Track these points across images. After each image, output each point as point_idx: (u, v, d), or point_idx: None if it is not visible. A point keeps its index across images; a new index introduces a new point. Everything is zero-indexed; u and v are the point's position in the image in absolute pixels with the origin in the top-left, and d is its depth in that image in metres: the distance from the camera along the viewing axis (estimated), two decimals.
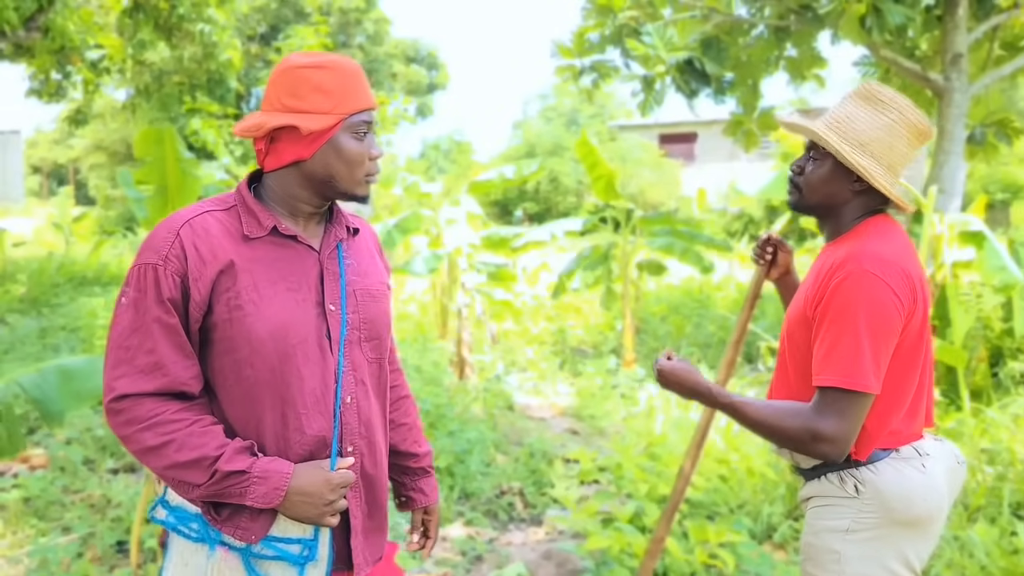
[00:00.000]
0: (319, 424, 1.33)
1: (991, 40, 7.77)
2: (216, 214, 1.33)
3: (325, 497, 1.28)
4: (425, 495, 1.65)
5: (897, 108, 1.60)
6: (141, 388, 1.25)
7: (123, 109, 17.09)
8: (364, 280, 1.43)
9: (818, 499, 1.67)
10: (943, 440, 1.73)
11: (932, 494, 1.59)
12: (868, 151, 1.59)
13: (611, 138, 27.14)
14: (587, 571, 2.98)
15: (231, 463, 1.24)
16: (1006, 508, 3.43)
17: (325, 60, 1.34)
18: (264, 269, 1.31)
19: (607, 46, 7.83)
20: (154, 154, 3.99)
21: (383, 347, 1.46)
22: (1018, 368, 5.45)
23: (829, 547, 1.61)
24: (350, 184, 1.35)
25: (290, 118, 1.29)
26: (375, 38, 22.77)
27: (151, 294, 1.26)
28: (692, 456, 2.16)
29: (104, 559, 3.15)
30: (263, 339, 1.28)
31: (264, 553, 1.31)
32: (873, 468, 1.59)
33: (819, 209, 1.70)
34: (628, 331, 7.18)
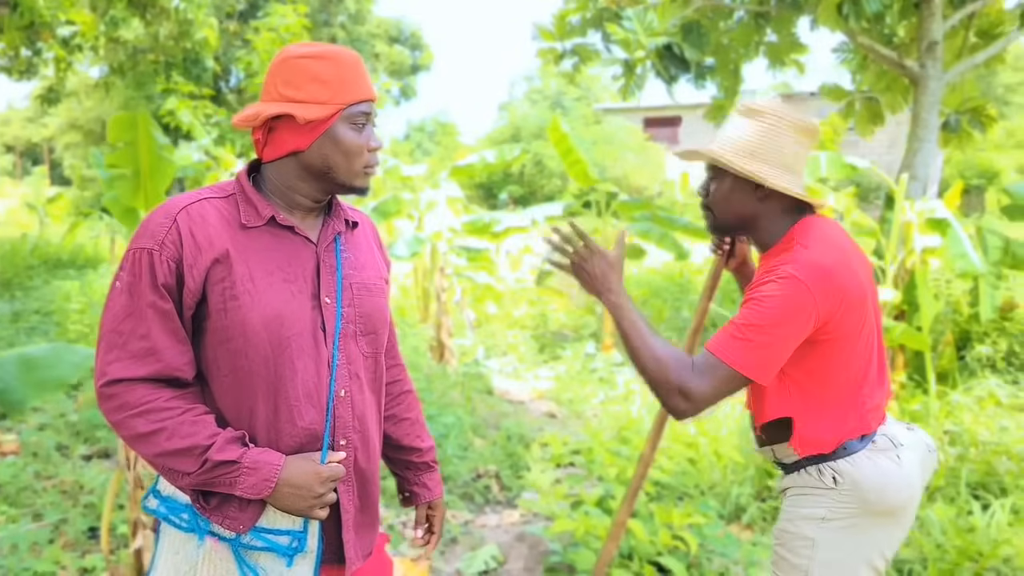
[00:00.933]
0: (311, 416, 1.33)
1: (966, 28, 7.83)
2: (214, 202, 1.33)
3: (314, 490, 1.28)
4: (429, 490, 1.65)
5: (773, 113, 1.67)
6: (134, 373, 1.25)
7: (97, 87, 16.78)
8: (361, 274, 1.43)
9: (796, 489, 1.73)
10: (915, 428, 1.79)
11: (906, 485, 1.65)
12: (758, 158, 1.66)
13: (596, 121, 27.07)
14: (555, 554, 3.04)
15: (222, 453, 1.24)
16: (964, 488, 3.54)
17: (324, 50, 1.33)
18: (260, 259, 1.31)
19: (588, 29, 7.81)
20: (127, 138, 3.96)
21: (379, 342, 1.45)
22: (984, 351, 5.58)
23: (803, 534, 1.67)
24: (348, 176, 1.35)
25: (286, 107, 1.29)
26: (357, 17, 22.46)
27: (146, 279, 1.25)
28: (652, 441, 2.20)
29: (76, 545, 3.16)
30: (257, 329, 1.28)
31: (253, 544, 1.31)
32: (850, 460, 1.65)
33: (737, 226, 1.75)
34: (607, 315, 7.24)
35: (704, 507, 3.22)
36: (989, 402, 4.83)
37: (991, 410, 4.70)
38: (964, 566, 2.90)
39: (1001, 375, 5.39)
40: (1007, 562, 2.96)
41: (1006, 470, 3.76)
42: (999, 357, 5.60)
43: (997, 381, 5.13)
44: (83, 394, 5.03)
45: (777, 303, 1.55)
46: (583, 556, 2.78)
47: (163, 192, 3.94)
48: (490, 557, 3.16)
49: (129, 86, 14.91)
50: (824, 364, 1.63)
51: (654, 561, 2.90)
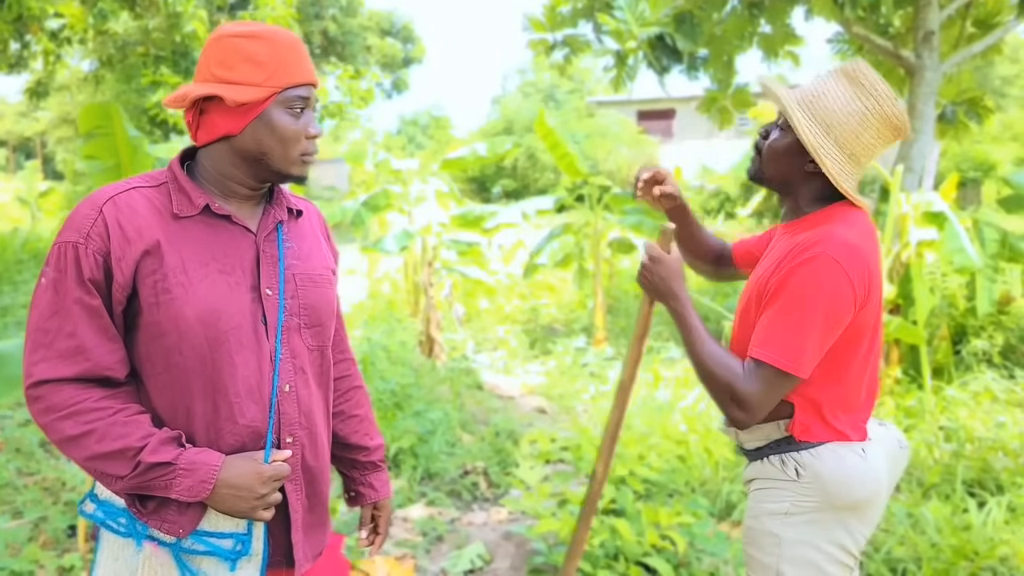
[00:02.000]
0: (252, 413, 1.27)
1: (963, 18, 7.76)
2: (144, 191, 1.26)
3: (256, 491, 1.23)
4: (375, 490, 1.60)
5: (875, 96, 1.53)
6: (60, 373, 1.19)
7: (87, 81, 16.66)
8: (305, 264, 1.36)
9: (759, 481, 1.66)
10: (887, 424, 1.72)
11: (870, 479, 1.58)
12: (832, 134, 1.53)
13: (589, 114, 26.98)
14: (539, 553, 2.98)
15: (155, 454, 1.18)
16: (959, 485, 3.48)
17: (259, 30, 1.27)
18: (194, 250, 1.24)
19: (579, 19, 7.72)
20: (103, 130, 3.88)
21: (325, 334, 1.40)
22: (980, 346, 5.53)
23: (769, 530, 1.61)
24: (283, 163, 1.28)
25: (216, 88, 1.22)
26: (348, 9, 22.29)
27: (71, 274, 1.19)
28: (604, 459, 2.03)
29: (55, 543, 3.10)
30: (191, 324, 1.22)
31: (195, 548, 1.26)
32: (814, 452, 1.58)
33: (774, 182, 1.66)
34: (599, 309, 7.18)
35: (694, 504, 3.17)
36: (985, 397, 4.78)
37: (987, 405, 4.66)
38: (960, 565, 2.84)
39: (997, 370, 5.35)
40: (1004, 561, 2.90)
41: (1002, 467, 3.71)
42: (995, 352, 5.55)
43: (993, 376, 5.08)
44: None
45: (820, 292, 1.47)
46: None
47: None
48: (476, 556, 3.10)
49: (119, 79, 14.78)
50: (836, 353, 1.55)
51: (641, 562, 2.84)
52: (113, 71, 13.89)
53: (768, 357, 1.49)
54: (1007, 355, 5.64)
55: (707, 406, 4.52)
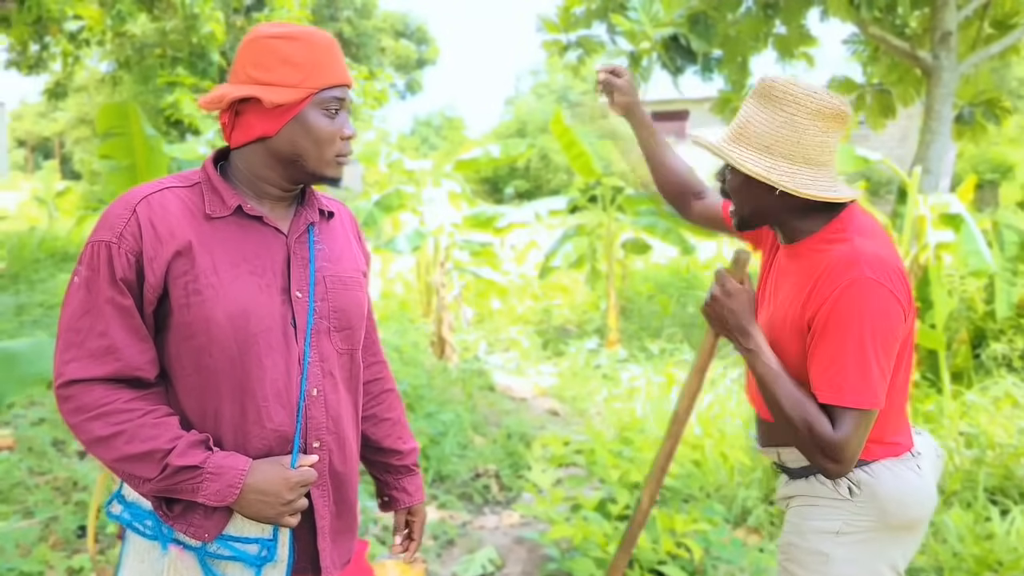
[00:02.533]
0: (280, 417, 1.25)
1: (981, 18, 7.67)
2: (177, 191, 1.25)
3: (283, 496, 1.21)
4: (409, 495, 1.57)
5: (793, 101, 1.46)
6: (91, 373, 1.18)
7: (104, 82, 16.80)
8: (336, 266, 1.35)
9: (805, 499, 1.60)
10: (923, 432, 1.67)
11: (927, 496, 1.54)
12: (775, 152, 1.46)
13: (603, 115, 26.89)
14: (553, 560, 2.94)
15: (183, 457, 1.17)
16: (981, 493, 3.42)
17: (295, 31, 1.25)
18: (225, 251, 1.23)
19: (593, 20, 7.69)
20: (120, 129, 3.90)
21: (355, 338, 1.37)
22: (1000, 350, 5.44)
23: (816, 549, 1.55)
24: (318, 164, 1.27)
25: (254, 90, 1.22)
26: (363, 11, 22.36)
27: (104, 274, 1.19)
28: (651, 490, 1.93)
29: (65, 544, 3.10)
30: (222, 326, 1.21)
31: (220, 552, 1.24)
32: (868, 470, 1.52)
33: (760, 221, 1.57)
34: (612, 311, 7.13)
35: (709, 511, 3.12)
36: (1006, 402, 4.69)
37: (1008, 411, 4.57)
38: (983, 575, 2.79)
39: (1018, 374, 5.25)
40: None
41: None
42: (1016, 356, 5.45)
43: (1014, 380, 4.99)
44: None
45: (876, 320, 1.40)
46: (581, 564, 2.68)
47: None
48: (487, 560, 3.08)
49: (136, 80, 14.89)
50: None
51: (656, 569, 2.80)
52: (131, 72, 14.01)
53: (847, 401, 1.41)
54: None
55: (720, 410, 4.47)
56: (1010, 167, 20.91)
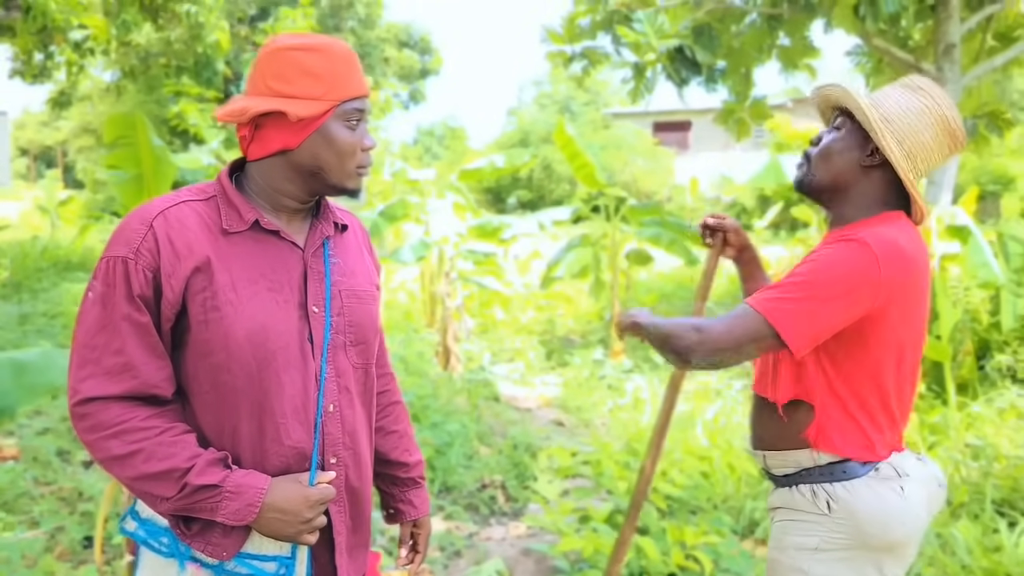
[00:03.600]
0: (298, 434, 1.24)
1: (984, 31, 7.70)
2: (194, 204, 1.24)
3: (302, 515, 1.20)
4: (415, 507, 1.56)
5: (932, 96, 1.50)
6: (108, 391, 1.16)
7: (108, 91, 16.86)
8: (351, 280, 1.34)
9: (786, 511, 1.59)
10: (926, 460, 1.63)
11: (909, 519, 1.50)
12: (892, 127, 1.48)
13: (605, 126, 26.99)
14: (562, 571, 2.93)
15: (202, 476, 1.16)
16: (989, 505, 3.40)
17: (316, 42, 1.24)
18: (243, 266, 1.22)
19: (598, 32, 7.72)
20: (127, 139, 3.90)
21: (369, 352, 1.37)
22: (1005, 361, 5.44)
23: (795, 565, 1.54)
24: (340, 176, 1.26)
25: (277, 103, 1.20)
26: (367, 22, 22.48)
27: (120, 290, 1.17)
28: (652, 456, 2.08)
29: (71, 555, 3.09)
30: (241, 342, 1.19)
31: (237, 571, 1.23)
32: (847, 486, 1.50)
33: (824, 183, 1.56)
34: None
35: (717, 522, 3.11)
36: (1011, 414, 4.68)
37: (1013, 422, 4.56)
38: None
39: (1022, 386, 5.24)
40: None
41: None
42: (1021, 367, 5.44)
43: (1019, 392, 4.98)
44: None
45: (839, 266, 1.42)
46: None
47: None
48: (495, 572, 3.06)
49: (141, 90, 14.95)
50: (872, 355, 1.48)
51: None
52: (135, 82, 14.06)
53: (760, 304, 1.42)
54: None
55: (727, 421, 4.46)
56: (1012, 179, 20.93)
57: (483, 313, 8.67)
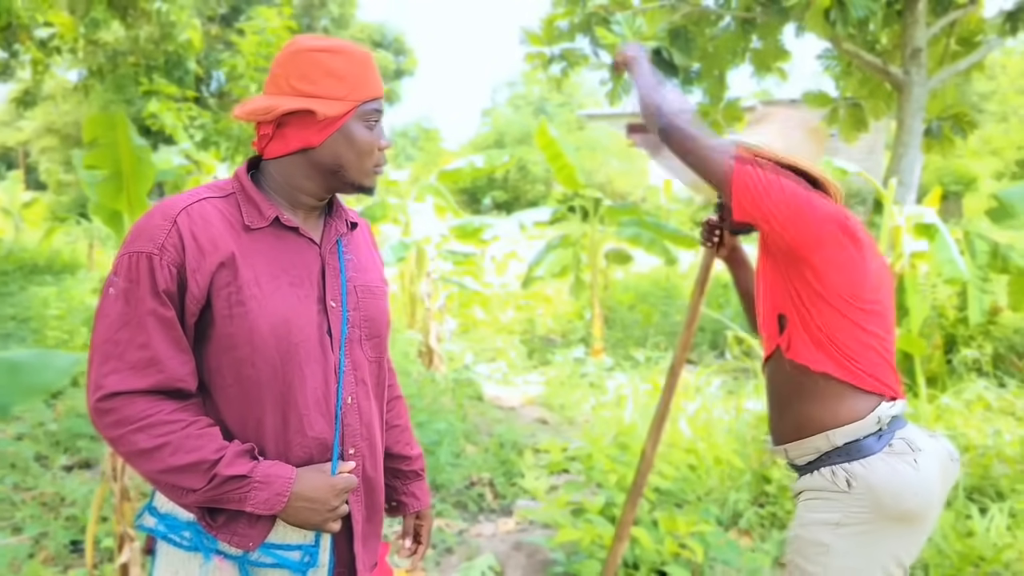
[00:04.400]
0: (320, 426, 1.27)
1: (948, 35, 7.93)
2: (214, 201, 1.26)
3: (329, 503, 1.23)
4: (417, 499, 1.60)
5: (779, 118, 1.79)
6: (133, 386, 1.17)
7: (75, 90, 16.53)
8: (364, 276, 1.38)
9: (809, 492, 1.69)
10: (938, 436, 1.74)
11: (923, 490, 1.60)
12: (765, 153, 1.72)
13: (579, 127, 27.16)
14: (558, 563, 2.97)
15: (231, 467, 1.18)
16: (961, 492, 3.52)
17: (338, 45, 1.28)
18: (265, 262, 1.25)
19: (576, 34, 7.80)
20: (106, 139, 3.86)
21: (383, 345, 1.40)
22: (971, 355, 5.61)
23: (818, 539, 1.63)
24: (359, 174, 1.30)
25: (306, 102, 1.23)
26: (340, 21, 22.33)
27: (145, 285, 1.18)
28: (652, 439, 2.18)
29: (57, 559, 3.05)
30: (265, 337, 1.22)
31: (262, 560, 1.25)
32: (864, 463, 1.61)
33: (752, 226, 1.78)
34: (597, 320, 7.20)
35: (705, 513, 3.18)
36: (978, 405, 4.84)
37: (980, 413, 4.72)
38: (966, 571, 2.88)
39: (988, 378, 5.42)
40: (1008, 567, 2.94)
41: (1001, 474, 3.75)
42: (986, 360, 5.63)
43: (985, 384, 5.15)
44: (62, 403, 4.90)
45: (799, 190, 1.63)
46: (589, 566, 2.72)
47: (145, 194, 3.85)
48: (487, 567, 3.09)
49: (108, 89, 14.68)
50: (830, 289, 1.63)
51: (659, 570, 2.85)
52: (103, 81, 13.79)
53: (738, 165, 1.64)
54: (996, 364, 5.73)
55: (708, 416, 4.54)
56: (973, 179, 21.52)
57: (463, 313, 8.69)
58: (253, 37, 8.14)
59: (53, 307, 6.79)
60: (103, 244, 12.62)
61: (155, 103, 8.13)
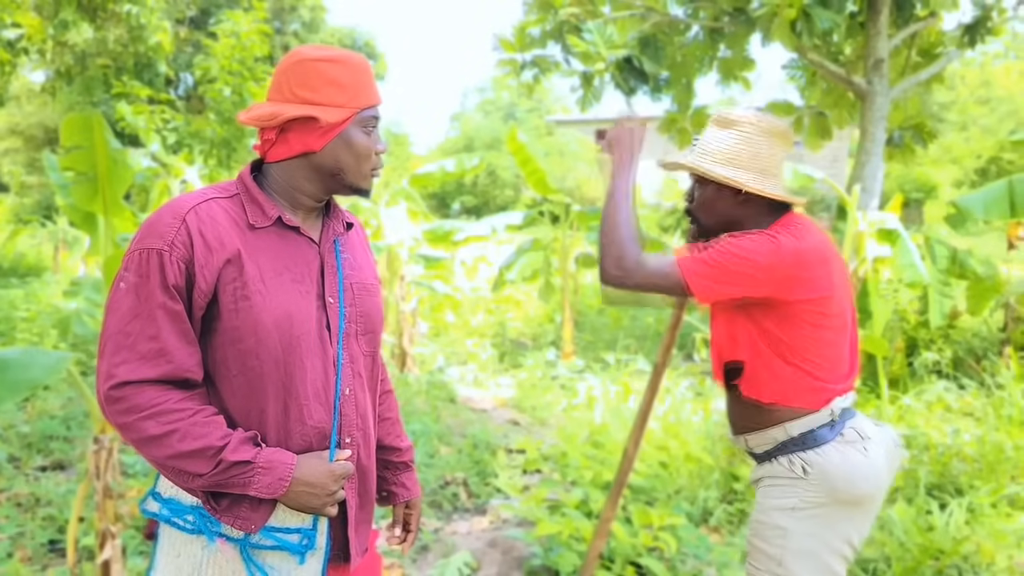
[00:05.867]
0: (320, 415, 1.34)
1: (909, 47, 8.18)
2: (220, 201, 1.33)
3: (328, 488, 1.30)
4: (407, 489, 1.66)
5: (747, 121, 1.79)
6: (143, 375, 1.23)
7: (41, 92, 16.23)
8: (359, 274, 1.44)
9: (768, 479, 1.79)
10: (884, 425, 1.86)
11: (872, 475, 1.71)
12: (736, 164, 1.77)
13: (548, 133, 27.34)
14: (535, 557, 3.04)
15: (236, 453, 1.24)
16: (922, 489, 3.66)
17: (338, 54, 1.35)
18: (269, 259, 1.31)
19: (548, 41, 7.90)
20: (83, 141, 3.85)
21: (377, 340, 1.47)
22: (931, 358, 5.81)
23: (776, 524, 1.73)
24: (356, 178, 1.37)
25: (310, 110, 1.30)
26: (311, 25, 22.24)
27: (155, 280, 1.24)
28: (635, 438, 2.26)
29: (35, 559, 3.04)
30: (269, 330, 1.28)
31: (263, 543, 1.31)
32: (819, 451, 1.72)
33: (722, 228, 1.84)
34: (567, 324, 7.29)
35: (677, 509, 3.28)
36: (938, 406, 5.01)
37: (940, 413, 4.89)
38: (926, 564, 3.00)
39: (947, 380, 5.61)
40: (966, 559, 3.07)
41: (960, 471, 3.90)
42: (946, 363, 5.82)
43: (945, 385, 5.33)
44: (33, 405, 4.84)
45: (747, 242, 1.70)
46: (566, 558, 2.79)
47: (121, 196, 3.85)
48: (463, 564, 3.15)
49: (75, 91, 14.44)
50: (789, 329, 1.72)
51: (634, 562, 2.93)
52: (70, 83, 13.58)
53: (680, 257, 1.72)
54: (956, 366, 5.93)
55: (676, 417, 4.65)
56: (933, 187, 22.11)
57: (434, 317, 8.73)
58: (226, 40, 8.10)
59: (21, 309, 6.69)
60: (69, 247, 12.41)
61: (125, 105, 8.05)
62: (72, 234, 12.38)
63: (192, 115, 11.13)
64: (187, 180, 7.37)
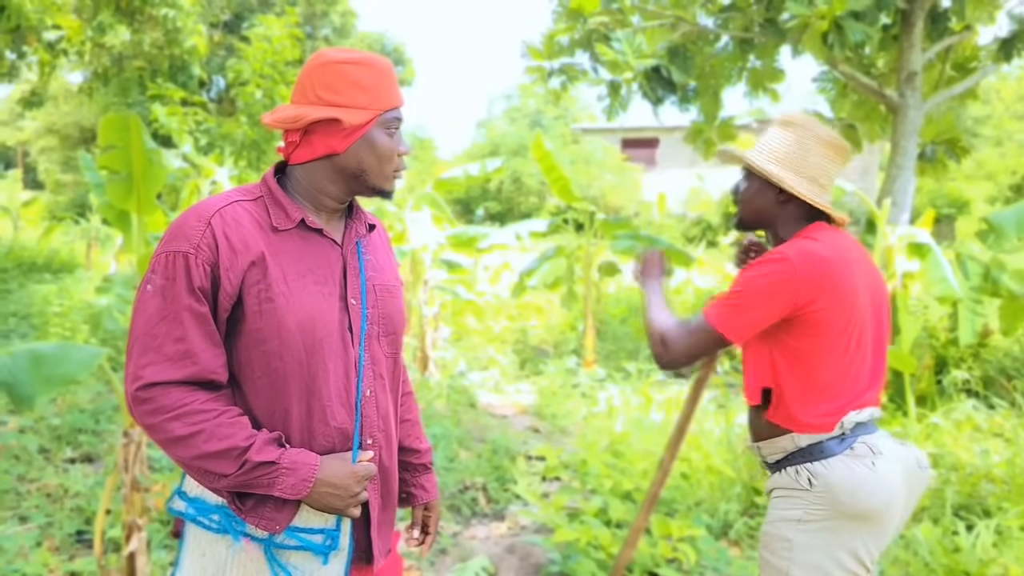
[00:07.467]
0: (342, 417, 1.35)
1: (943, 61, 8.08)
2: (244, 204, 1.34)
3: (351, 489, 1.30)
4: (426, 491, 1.67)
5: (803, 125, 1.81)
6: (170, 376, 1.24)
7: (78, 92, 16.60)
8: (382, 276, 1.45)
9: (778, 490, 1.78)
10: (908, 444, 1.82)
11: (881, 490, 1.68)
12: (785, 165, 1.78)
13: (574, 141, 27.33)
14: (553, 563, 3.04)
15: (261, 454, 1.24)
16: (949, 509, 3.60)
17: (361, 57, 1.35)
18: (292, 262, 1.32)
19: (576, 50, 7.92)
20: (119, 141, 3.93)
21: (398, 342, 1.48)
22: (961, 376, 5.70)
23: (783, 535, 1.72)
24: (379, 179, 1.38)
25: (333, 112, 1.31)
26: (341, 31, 22.52)
27: (181, 282, 1.25)
28: (672, 450, 2.26)
29: (63, 548, 3.10)
30: (292, 331, 1.29)
31: (287, 543, 1.32)
32: (825, 463, 1.71)
33: (756, 223, 1.88)
34: (590, 332, 7.28)
35: (697, 521, 3.25)
36: (967, 426, 4.92)
37: (969, 433, 4.80)
38: None
39: (977, 399, 5.50)
40: None
41: (988, 493, 3.83)
42: (976, 382, 5.71)
43: (974, 404, 5.23)
44: (63, 398, 4.94)
45: (763, 275, 1.72)
46: (584, 566, 2.78)
47: (155, 196, 3.92)
48: (481, 568, 3.15)
49: (111, 92, 14.75)
50: (807, 346, 1.72)
51: (652, 572, 2.91)
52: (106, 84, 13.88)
53: (710, 316, 1.75)
54: (986, 386, 5.81)
55: (699, 427, 4.62)
56: (966, 202, 21.74)
57: (456, 322, 8.76)
58: (259, 44, 8.23)
59: (54, 304, 6.83)
60: (101, 244, 12.65)
61: (159, 106, 8.21)
62: (104, 231, 12.62)
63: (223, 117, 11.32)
64: (217, 181, 7.49)
